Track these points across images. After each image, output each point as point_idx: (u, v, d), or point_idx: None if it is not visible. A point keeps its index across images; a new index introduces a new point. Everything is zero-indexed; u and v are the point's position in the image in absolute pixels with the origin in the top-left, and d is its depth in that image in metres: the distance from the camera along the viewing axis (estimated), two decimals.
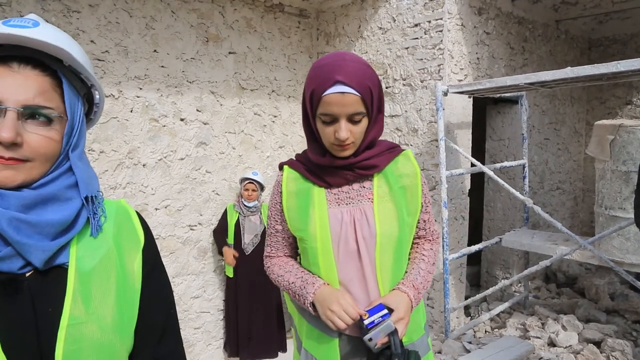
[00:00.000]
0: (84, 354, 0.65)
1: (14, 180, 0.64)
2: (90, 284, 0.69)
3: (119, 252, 0.74)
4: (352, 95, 1.09)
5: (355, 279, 1.20)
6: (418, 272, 1.25)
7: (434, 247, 1.34)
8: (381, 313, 1.12)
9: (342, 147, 1.14)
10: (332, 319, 1.12)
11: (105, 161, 3.06)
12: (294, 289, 1.23)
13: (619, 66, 2.31)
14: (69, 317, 0.65)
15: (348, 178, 1.20)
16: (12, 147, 0.63)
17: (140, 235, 0.78)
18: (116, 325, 0.70)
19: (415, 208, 1.25)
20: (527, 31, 4.20)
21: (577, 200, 5.23)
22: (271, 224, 1.33)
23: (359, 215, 1.19)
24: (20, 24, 0.67)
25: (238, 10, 3.68)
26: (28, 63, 0.67)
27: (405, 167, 1.25)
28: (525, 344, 2.93)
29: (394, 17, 3.56)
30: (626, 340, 3.09)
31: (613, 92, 5.06)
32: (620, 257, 2.99)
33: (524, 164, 3.76)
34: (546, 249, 3.24)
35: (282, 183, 1.27)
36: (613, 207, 3.04)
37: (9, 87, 0.64)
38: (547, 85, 2.96)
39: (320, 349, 1.24)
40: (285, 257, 1.35)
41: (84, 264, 0.69)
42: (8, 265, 0.63)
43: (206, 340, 3.72)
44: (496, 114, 4.34)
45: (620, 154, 2.94)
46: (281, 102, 4.06)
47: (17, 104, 0.64)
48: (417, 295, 1.20)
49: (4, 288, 0.63)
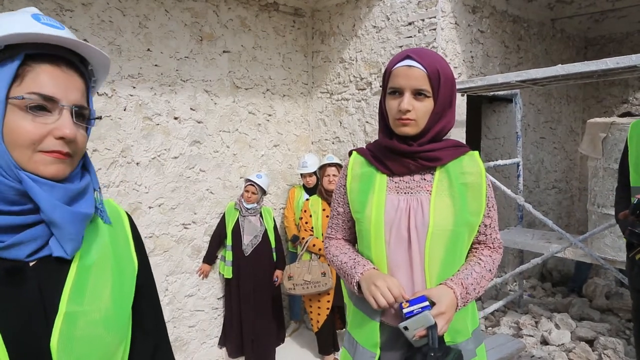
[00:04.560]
0: (78, 344, 0.67)
1: (64, 173, 0.69)
2: (88, 277, 0.71)
3: (114, 248, 0.77)
4: (418, 70, 1.15)
5: (402, 266, 1.22)
6: (470, 273, 1.22)
7: (493, 255, 1.30)
8: (422, 304, 1.10)
9: (403, 121, 1.17)
10: (374, 294, 1.14)
11: (98, 159, 3.07)
12: (344, 268, 1.28)
13: (608, 63, 2.31)
14: (65, 308, 0.67)
15: (410, 167, 1.23)
16: (68, 143, 0.68)
17: (129, 233, 0.82)
18: (110, 319, 0.72)
19: (479, 208, 1.23)
20: (522, 30, 4.20)
21: (573, 199, 5.22)
22: (334, 207, 1.40)
23: (415, 204, 1.22)
24: (53, 23, 0.70)
25: (232, 9, 3.69)
26: (68, 64, 0.70)
27: (469, 166, 1.24)
28: (516, 341, 2.93)
29: (388, 16, 3.57)
30: (619, 338, 3.09)
31: (609, 91, 5.06)
32: (613, 255, 2.99)
33: (518, 163, 3.76)
34: (539, 247, 3.24)
35: (348, 167, 1.34)
36: (605, 205, 3.04)
37: (62, 87, 0.68)
38: (539, 83, 2.97)
39: (361, 332, 1.27)
40: (343, 240, 1.42)
41: (86, 258, 0.72)
42: (16, 253, 0.65)
43: (200, 338, 3.73)
44: (491, 112, 4.35)
45: (612, 151, 2.94)
46: (276, 101, 4.07)
47: (70, 103, 0.69)
48: (466, 295, 1.17)
49: (8, 276, 0.65)
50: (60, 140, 0.67)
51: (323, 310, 3.33)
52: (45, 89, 0.66)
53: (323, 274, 3.22)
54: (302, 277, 3.24)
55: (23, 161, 0.65)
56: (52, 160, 0.67)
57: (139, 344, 0.79)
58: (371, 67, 3.74)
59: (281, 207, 4.22)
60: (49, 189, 0.66)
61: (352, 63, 3.89)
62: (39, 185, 0.65)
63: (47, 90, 0.66)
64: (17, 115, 0.65)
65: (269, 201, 4.09)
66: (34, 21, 0.68)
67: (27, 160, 0.66)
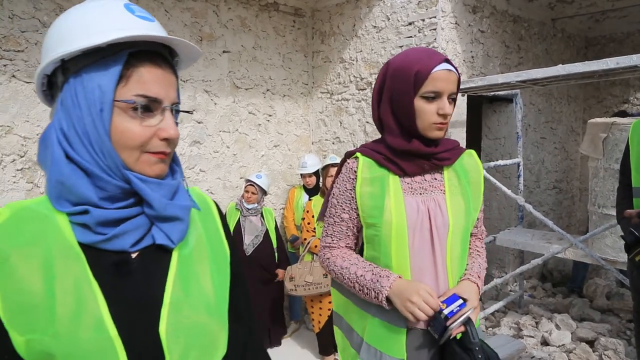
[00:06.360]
0: (184, 332, 0.69)
1: (165, 172, 0.70)
2: (189, 266, 0.72)
3: (207, 237, 0.78)
4: (455, 75, 1.19)
5: (426, 268, 1.22)
6: (479, 265, 1.31)
7: (484, 246, 1.41)
8: (457, 303, 1.13)
9: (441, 125, 1.18)
10: (412, 311, 1.12)
11: None
12: (362, 282, 1.21)
13: (608, 63, 2.31)
14: (170, 297, 0.68)
15: (424, 167, 1.24)
16: (170, 143, 0.69)
17: (218, 221, 0.83)
18: (212, 306, 0.73)
19: (478, 204, 1.30)
20: (522, 29, 4.19)
21: (574, 199, 5.21)
22: (335, 213, 1.31)
23: (433, 205, 1.23)
24: (146, 15, 0.69)
25: (232, 9, 3.69)
26: (164, 60, 0.69)
27: (470, 164, 1.31)
28: (517, 342, 2.92)
29: (388, 16, 3.56)
30: (619, 339, 3.08)
31: (610, 91, 5.05)
32: (614, 256, 2.98)
33: (518, 163, 3.75)
34: (539, 248, 3.23)
35: (356, 169, 1.27)
36: (606, 205, 3.03)
37: (164, 87, 0.67)
38: (540, 83, 2.96)
39: (387, 341, 1.23)
40: (347, 249, 1.34)
41: (185, 247, 0.73)
42: (120, 243, 0.66)
43: None
44: (492, 112, 4.34)
45: (613, 152, 2.93)
46: (276, 101, 4.07)
47: (170, 102, 0.69)
48: (482, 286, 1.28)
49: (117, 268, 0.67)
50: (164, 141, 0.68)
51: (324, 311, 3.33)
52: (151, 90, 0.66)
53: (325, 275, 3.22)
54: (304, 278, 3.24)
55: (131, 162, 0.67)
56: (156, 161, 0.68)
57: (234, 331, 0.80)
58: (371, 67, 3.73)
59: (281, 208, 4.22)
60: (156, 188, 0.68)
61: (353, 63, 3.89)
62: (147, 185, 0.67)
63: (153, 92, 0.66)
64: (124, 117, 0.65)
65: (269, 201, 4.09)
66: (129, 13, 0.67)
67: (135, 161, 0.67)
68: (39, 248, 0.63)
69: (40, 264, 0.63)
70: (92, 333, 0.62)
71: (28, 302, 0.62)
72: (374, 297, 1.19)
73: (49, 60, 0.64)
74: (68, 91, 0.65)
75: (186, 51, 0.72)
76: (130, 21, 0.66)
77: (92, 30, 0.64)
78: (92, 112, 0.64)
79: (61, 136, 0.65)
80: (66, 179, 0.64)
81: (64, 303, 0.62)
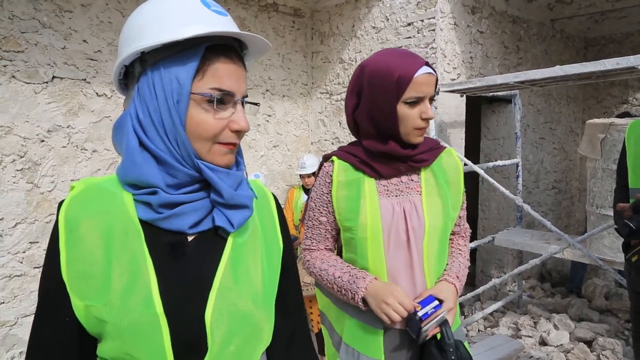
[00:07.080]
0: (229, 318, 0.69)
1: (232, 162, 0.73)
2: (241, 254, 0.74)
3: (262, 228, 0.79)
4: (434, 77, 1.18)
5: (402, 269, 1.22)
6: (458, 265, 1.30)
7: (466, 244, 1.40)
8: (433, 304, 1.14)
9: (422, 130, 1.18)
10: (387, 312, 1.13)
11: (97, 160, 3.07)
12: (340, 283, 1.22)
13: (606, 64, 2.31)
14: (219, 283, 0.70)
15: (400, 170, 1.23)
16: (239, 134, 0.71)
17: (275, 214, 0.84)
18: (259, 297, 0.74)
19: (458, 202, 1.29)
20: (521, 30, 4.20)
21: (573, 199, 5.22)
22: (314, 216, 1.33)
23: (409, 206, 1.23)
24: (220, 9, 0.71)
25: (232, 10, 3.69)
26: (236, 54, 0.71)
27: (448, 163, 1.30)
28: (515, 342, 2.93)
29: (387, 17, 3.57)
30: (617, 339, 3.09)
31: (609, 92, 5.05)
32: (612, 256, 2.99)
33: (517, 163, 3.76)
34: (537, 248, 3.24)
35: (332, 173, 1.28)
36: (604, 205, 3.04)
37: (236, 81, 0.70)
38: (538, 84, 2.97)
39: (364, 342, 1.25)
40: (326, 251, 1.35)
41: (240, 236, 0.74)
42: (178, 223, 0.68)
43: None
44: (491, 113, 4.35)
45: (611, 152, 2.94)
46: (275, 102, 4.08)
47: (241, 95, 0.71)
48: (460, 286, 1.25)
49: (172, 249, 0.69)
50: (235, 133, 0.70)
51: None
52: (226, 84, 0.68)
53: None
54: (302, 278, 3.25)
55: (203, 152, 0.69)
56: (226, 151, 0.71)
57: (280, 323, 0.80)
58: None
59: None
60: (225, 177, 0.70)
61: (352, 64, 3.90)
62: (216, 174, 0.69)
63: (227, 85, 0.68)
64: (199, 109, 0.67)
65: None
66: (205, 7, 0.68)
67: (207, 151, 0.69)
68: (103, 222, 0.67)
69: (103, 236, 0.66)
70: (140, 307, 0.65)
71: (88, 270, 0.65)
72: (350, 298, 1.20)
73: (131, 52, 0.66)
74: (145, 82, 0.67)
75: (257, 45, 0.74)
76: (207, 15, 0.68)
77: (172, 24, 0.66)
78: (168, 103, 0.66)
79: (137, 124, 0.68)
80: (138, 166, 0.67)
81: (119, 275, 0.65)
